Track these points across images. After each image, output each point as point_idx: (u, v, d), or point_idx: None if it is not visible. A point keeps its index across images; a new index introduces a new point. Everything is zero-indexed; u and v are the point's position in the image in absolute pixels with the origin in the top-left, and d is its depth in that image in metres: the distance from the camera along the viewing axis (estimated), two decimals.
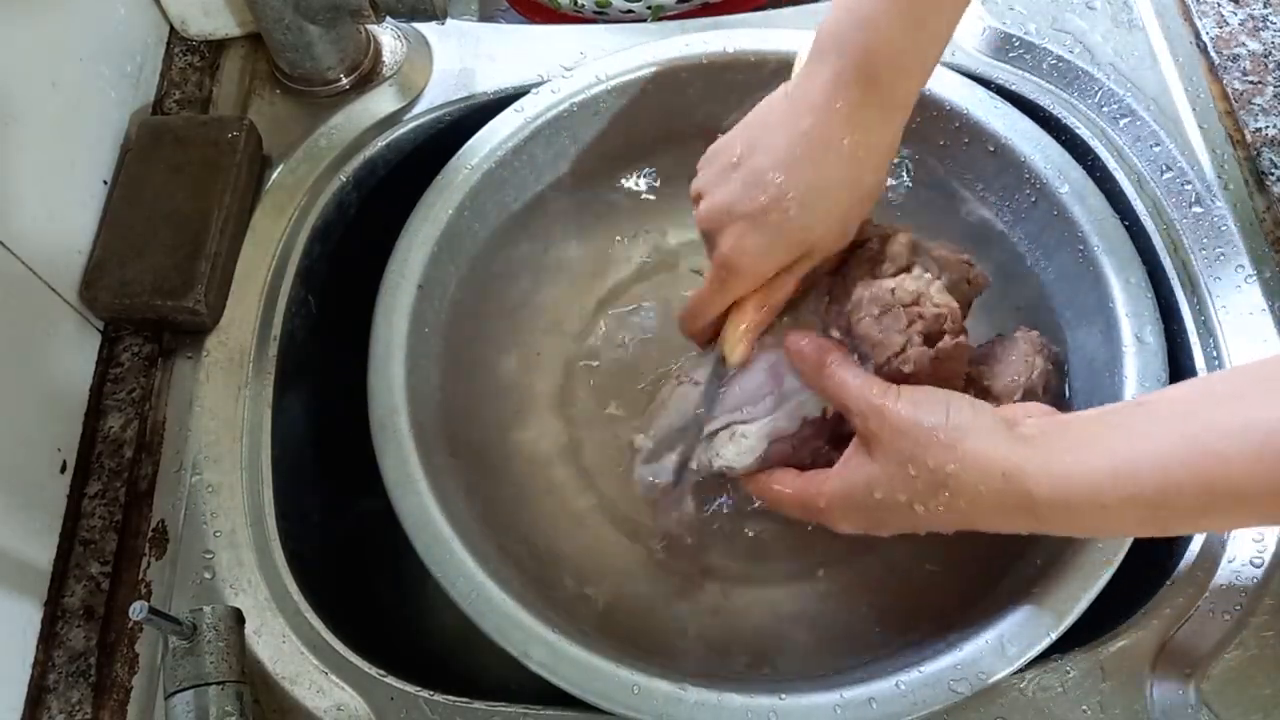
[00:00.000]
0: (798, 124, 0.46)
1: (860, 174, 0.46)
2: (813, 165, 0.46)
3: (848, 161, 0.46)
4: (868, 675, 0.46)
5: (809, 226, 0.47)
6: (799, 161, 0.46)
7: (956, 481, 0.41)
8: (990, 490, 0.40)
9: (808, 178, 0.46)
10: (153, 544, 0.52)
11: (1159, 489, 0.36)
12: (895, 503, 0.43)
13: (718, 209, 0.48)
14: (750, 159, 0.47)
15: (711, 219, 0.48)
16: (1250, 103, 0.62)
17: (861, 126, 0.45)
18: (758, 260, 0.48)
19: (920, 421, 0.42)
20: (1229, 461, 0.35)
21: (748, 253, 0.47)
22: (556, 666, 0.46)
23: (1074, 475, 0.38)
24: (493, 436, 0.62)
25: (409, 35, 0.68)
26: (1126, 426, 0.39)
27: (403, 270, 0.57)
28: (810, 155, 0.46)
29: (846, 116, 0.45)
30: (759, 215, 0.46)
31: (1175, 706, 0.46)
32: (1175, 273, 0.58)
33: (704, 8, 0.85)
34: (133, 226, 0.57)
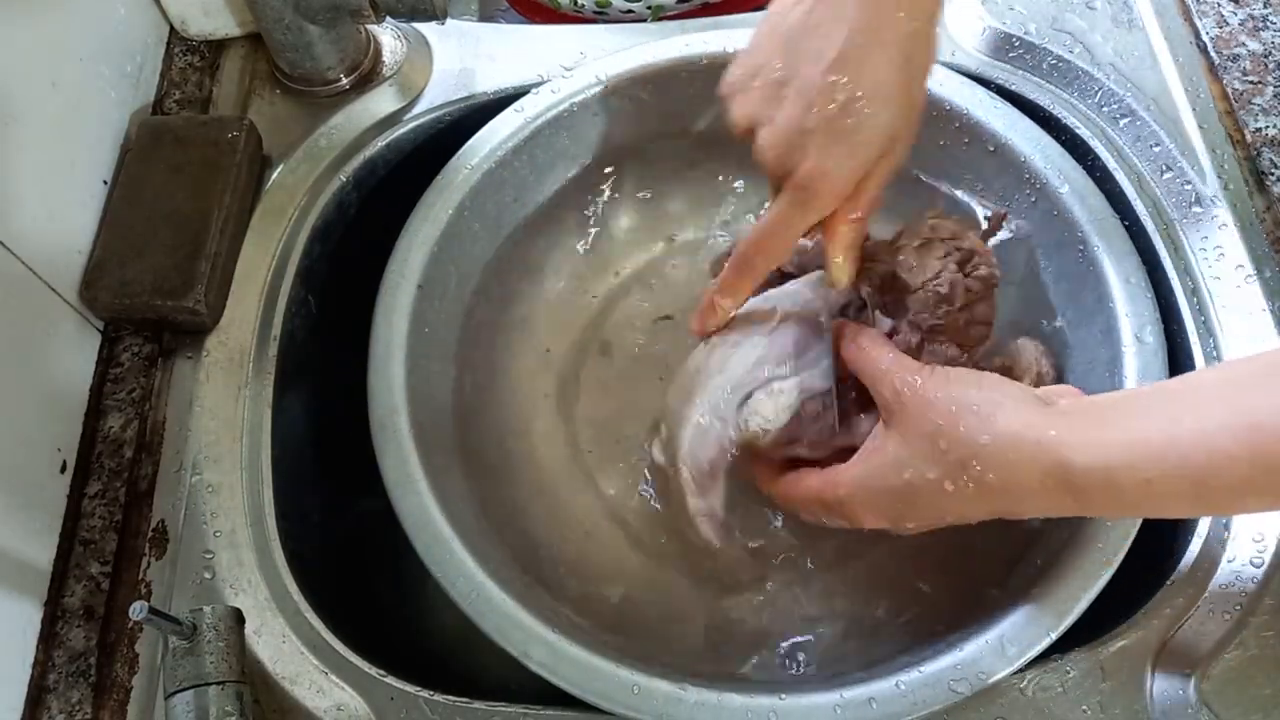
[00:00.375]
0: (843, 14, 0.42)
1: (921, 47, 0.43)
2: (875, 55, 0.42)
3: (907, 39, 0.42)
4: (868, 675, 0.46)
5: (889, 123, 0.43)
6: (859, 55, 0.42)
7: (988, 453, 0.39)
8: (1023, 460, 0.39)
9: (873, 71, 0.42)
10: (153, 544, 0.52)
11: (1207, 461, 0.35)
12: (924, 482, 0.41)
13: (786, 131, 0.44)
14: (800, 69, 0.43)
15: (780, 143, 0.44)
16: (1250, 103, 0.62)
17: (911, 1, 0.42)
18: (844, 174, 0.44)
19: (952, 393, 0.41)
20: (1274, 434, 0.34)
21: (832, 168, 0.43)
22: (556, 666, 0.46)
23: (1114, 445, 0.37)
24: (493, 436, 0.62)
25: (409, 35, 0.68)
26: (1168, 399, 0.38)
27: (403, 270, 0.57)
28: (869, 46, 0.42)
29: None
30: (832, 124, 0.43)
31: (1175, 706, 0.46)
32: (1175, 273, 0.58)
33: (704, 8, 0.85)
34: (133, 226, 0.57)
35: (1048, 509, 0.40)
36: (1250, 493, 0.36)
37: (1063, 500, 0.39)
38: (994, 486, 0.40)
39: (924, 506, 0.43)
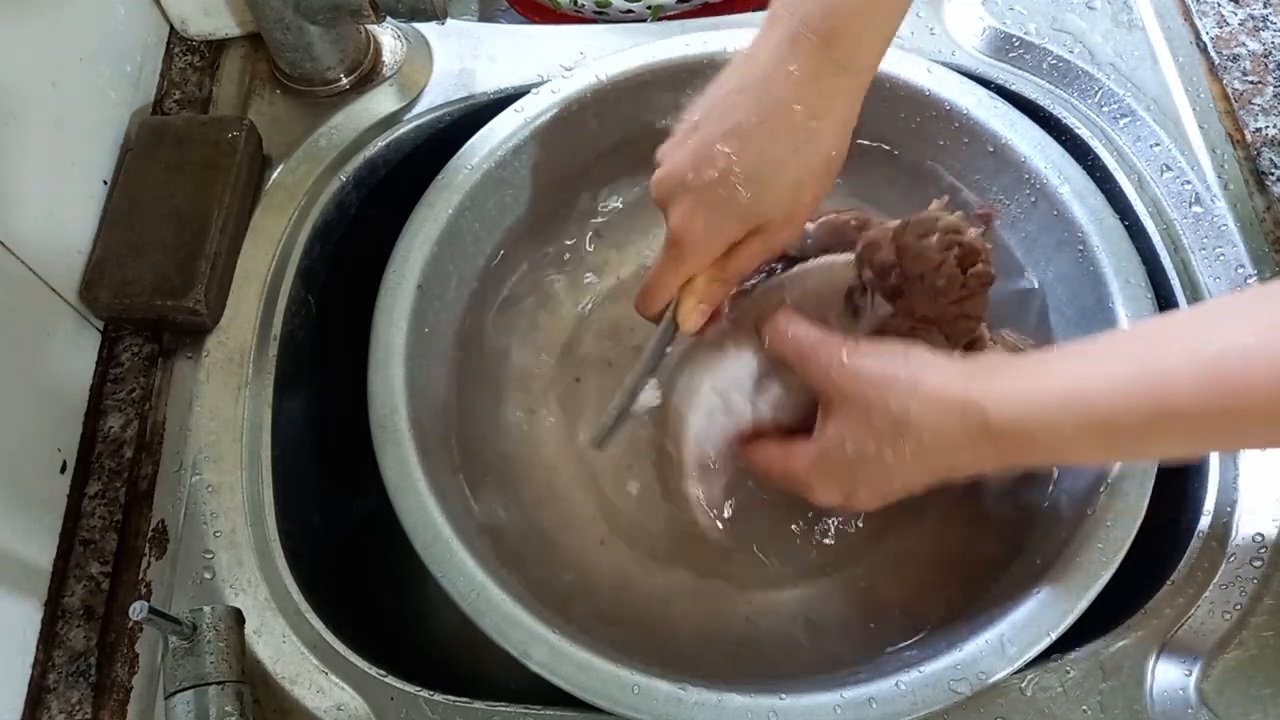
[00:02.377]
0: (748, 90, 0.44)
1: (814, 146, 0.44)
2: (763, 136, 0.43)
3: (800, 131, 0.43)
4: (868, 675, 0.46)
5: (758, 202, 0.44)
6: (748, 131, 0.43)
7: (918, 419, 0.41)
8: (950, 423, 0.41)
9: (756, 150, 0.43)
10: (153, 544, 0.52)
11: (1108, 411, 0.37)
12: (865, 454, 0.43)
13: (669, 179, 0.46)
14: (703, 126, 0.45)
15: (662, 189, 0.47)
16: (1250, 103, 0.62)
17: (816, 93, 0.43)
18: (705, 237, 0.46)
19: (880, 366, 0.43)
20: (1173, 381, 0.36)
21: (695, 229, 0.46)
22: (556, 666, 0.46)
23: (1029, 401, 0.39)
24: (494, 435, 0.62)
25: (409, 35, 0.68)
26: (1079, 354, 0.40)
27: (403, 270, 0.57)
28: (761, 125, 0.43)
29: (800, 81, 0.43)
30: (706, 190, 0.44)
31: (1175, 706, 0.46)
32: (1175, 273, 0.58)
33: (704, 8, 0.85)
34: (133, 226, 0.57)
35: (979, 464, 0.42)
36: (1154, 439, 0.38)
37: (988, 452, 0.41)
38: (928, 449, 0.41)
39: (869, 478, 0.44)
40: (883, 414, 0.42)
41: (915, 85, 0.61)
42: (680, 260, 0.47)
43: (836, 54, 0.43)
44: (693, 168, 0.45)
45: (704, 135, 0.45)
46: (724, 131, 0.44)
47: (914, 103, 0.62)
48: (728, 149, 0.44)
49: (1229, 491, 0.51)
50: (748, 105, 0.44)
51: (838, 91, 0.44)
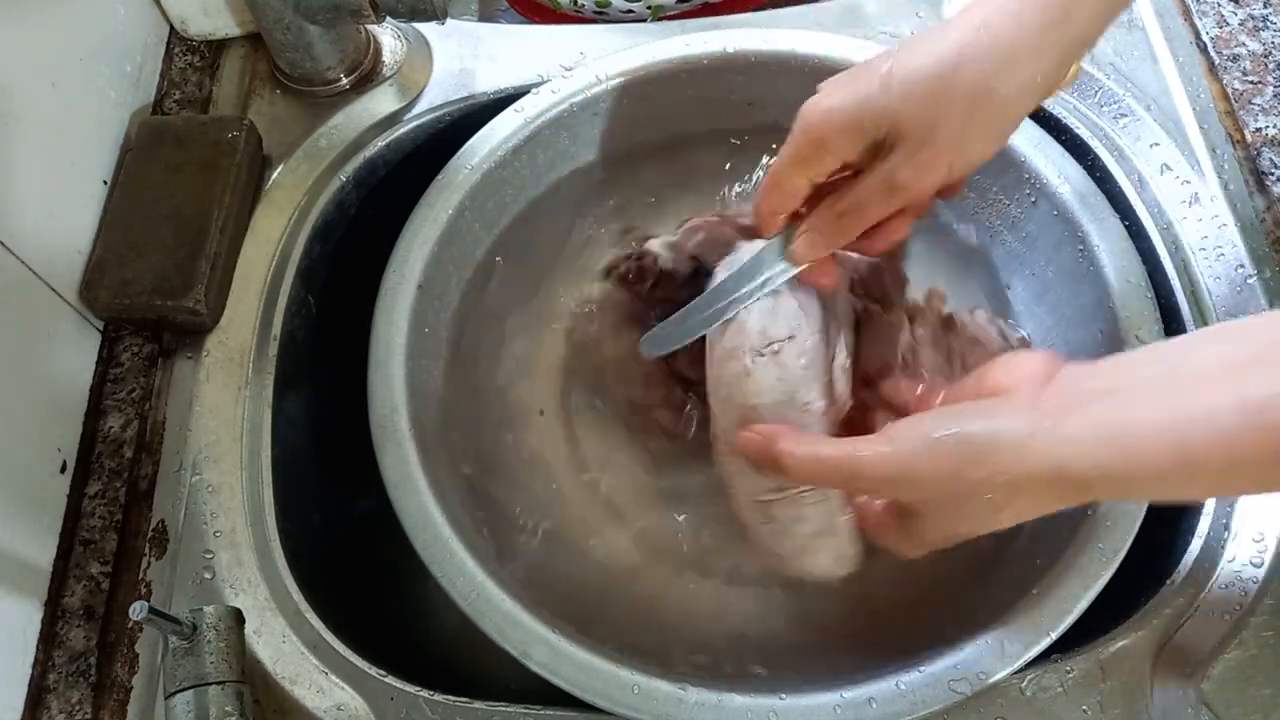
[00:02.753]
0: (945, 32, 0.41)
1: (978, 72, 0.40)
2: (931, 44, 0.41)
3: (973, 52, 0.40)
4: (868, 675, 0.46)
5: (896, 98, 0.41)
6: (921, 40, 0.41)
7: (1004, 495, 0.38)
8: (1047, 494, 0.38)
9: (919, 51, 0.41)
10: (153, 544, 0.52)
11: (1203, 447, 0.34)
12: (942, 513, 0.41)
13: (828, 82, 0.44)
14: (888, 57, 0.42)
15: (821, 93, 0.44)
16: (1250, 103, 0.62)
17: (1010, 22, 0.40)
18: (830, 117, 0.42)
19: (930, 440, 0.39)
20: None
21: (824, 107, 0.42)
22: (556, 666, 0.46)
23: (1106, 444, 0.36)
24: (493, 436, 0.62)
25: (409, 35, 0.68)
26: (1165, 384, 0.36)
27: (403, 270, 0.57)
28: (934, 36, 0.41)
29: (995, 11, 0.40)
30: (855, 77, 0.42)
31: (1175, 706, 0.46)
32: (1175, 273, 0.58)
33: (704, 8, 0.85)
34: (133, 226, 0.57)
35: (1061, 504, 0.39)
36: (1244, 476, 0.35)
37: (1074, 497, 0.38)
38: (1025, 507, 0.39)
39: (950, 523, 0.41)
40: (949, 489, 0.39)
41: None
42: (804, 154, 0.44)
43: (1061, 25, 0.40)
44: (852, 73, 0.43)
45: (885, 58, 0.42)
46: (904, 47, 0.42)
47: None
48: (895, 50, 0.42)
49: None
50: (937, 35, 0.41)
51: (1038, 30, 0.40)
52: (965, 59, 0.40)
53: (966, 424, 0.39)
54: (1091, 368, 0.39)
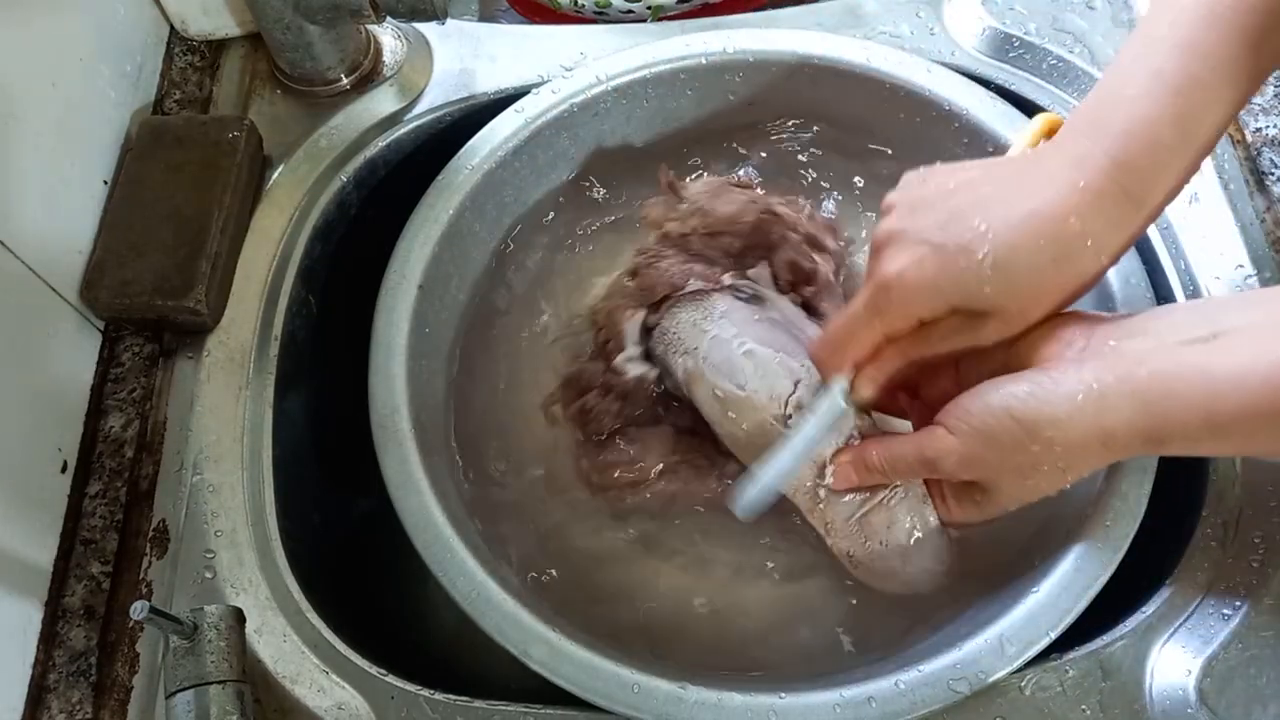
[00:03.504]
0: (1025, 187, 0.42)
1: (1075, 267, 0.41)
2: (1028, 232, 0.41)
3: (1067, 246, 0.41)
4: (867, 674, 0.46)
5: (993, 290, 0.42)
6: (1015, 224, 0.41)
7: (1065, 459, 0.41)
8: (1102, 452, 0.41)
9: (1017, 241, 0.41)
10: (153, 544, 0.52)
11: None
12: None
13: (905, 229, 0.44)
14: (963, 199, 0.43)
15: (891, 234, 0.44)
16: (1250, 103, 0.62)
17: (1097, 214, 0.41)
18: (919, 296, 0.43)
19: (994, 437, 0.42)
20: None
21: (913, 281, 0.43)
22: (556, 666, 0.46)
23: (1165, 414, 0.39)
24: (494, 435, 0.62)
25: (409, 35, 0.68)
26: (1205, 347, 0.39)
27: (404, 270, 0.57)
28: (1029, 224, 0.41)
29: (1083, 199, 0.40)
30: (947, 249, 0.42)
31: (1175, 706, 0.46)
32: (1175, 273, 0.58)
33: (704, 8, 0.85)
34: (133, 226, 0.57)
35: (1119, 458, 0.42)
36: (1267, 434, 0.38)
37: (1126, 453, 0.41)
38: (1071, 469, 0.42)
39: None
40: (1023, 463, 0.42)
41: (915, 85, 0.61)
42: (882, 313, 0.44)
43: (1126, 181, 0.40)
44: (940, 228, 0.42)
45: (962, 206, 0.42)
46: (988, 214, 0.41)
47: (914, 103, 0.62)
48: (987, 226, 0.41)
49: (1229, 491, 0.51)
50: (1020, 200, 0.41)
51: (1120, 219, 0.41)
52: (1061, 255, 0.41)
53: (1015, 406, 0.41)
54: (1127, 325, 0.42)
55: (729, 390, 0.52)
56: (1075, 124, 0.43)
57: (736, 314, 0.55)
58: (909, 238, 0.43)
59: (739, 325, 0.54)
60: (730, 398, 0.52)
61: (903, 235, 0.44)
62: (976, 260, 0.41)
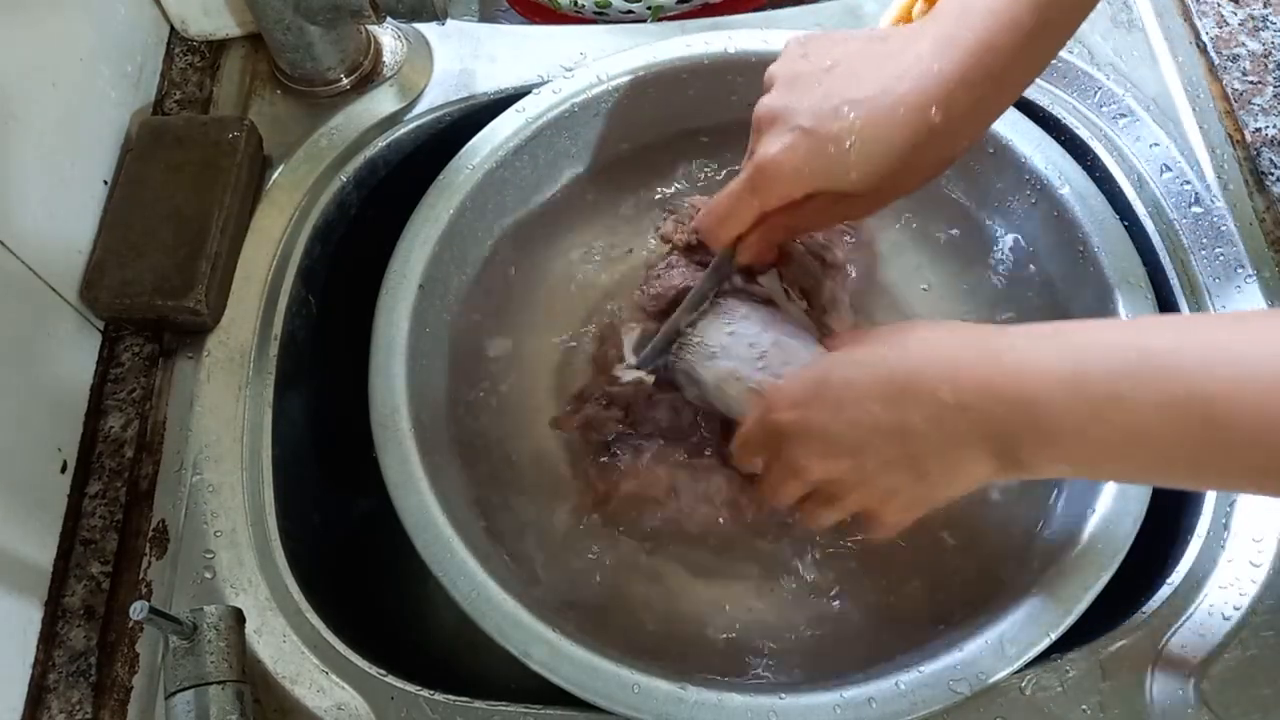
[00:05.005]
0: (894, 71, 0.43)
1: (937, 150, 0.44)
2: (893, 120, 0.43)
3: (924, 130, 0.43)
4: (868, 675, 0.46)
5: (858, 173, 0.44)
6: (881, 113, 0.43)
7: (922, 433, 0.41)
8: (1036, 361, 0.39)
9: (880, 132, 0.43)
10: (153, 544, 0.52)
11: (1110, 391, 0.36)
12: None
13: (782, 109, 0.46)
14: (837, 80, 0.45)
15: (771, 114, 0.46)
16: (1250, 103, 0.62)
17: (958, 102, 0.43)
18: (792, 179, 0.46)
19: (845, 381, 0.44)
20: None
21: (787, 166, 0.45)
22: (557, 666, 0.46)
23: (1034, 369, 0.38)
24: (495, 435, 0.62)
25: (409, 35, 0.68)
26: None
27: (404, 270, 0.57)
28: (894, 113, 0.43)
29: (945, 88, 0.42)
30: (816, 137, 0.44)
31: (1175, 706, 0.46)
32: (1175, 273, 0.58)
33: (704, 8, 0.85)
34: (133, 226, 0.57)
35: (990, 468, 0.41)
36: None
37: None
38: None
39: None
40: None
41: None
42: (758, 192, 0.47)
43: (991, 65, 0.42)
44: (813, 113, 0.44)
45: (834, 89, 0.44)
46: (857, 98, 0.43)
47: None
48: (855, 115, 0.43)
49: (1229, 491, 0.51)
50: (888, 81, 0.43)
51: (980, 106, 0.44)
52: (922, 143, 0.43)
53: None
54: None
55: (764, 382, 0.51)
56: (947, 6, 0.44)
57: (758, 314, 0.55)
58: (785, 121, 0.45)
59: (762, 323, 0.54)
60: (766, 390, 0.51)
61: (780, 116, 0.46)
62: (844, 149, 0.44)
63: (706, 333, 0.54)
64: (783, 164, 0.45)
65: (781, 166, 0.45)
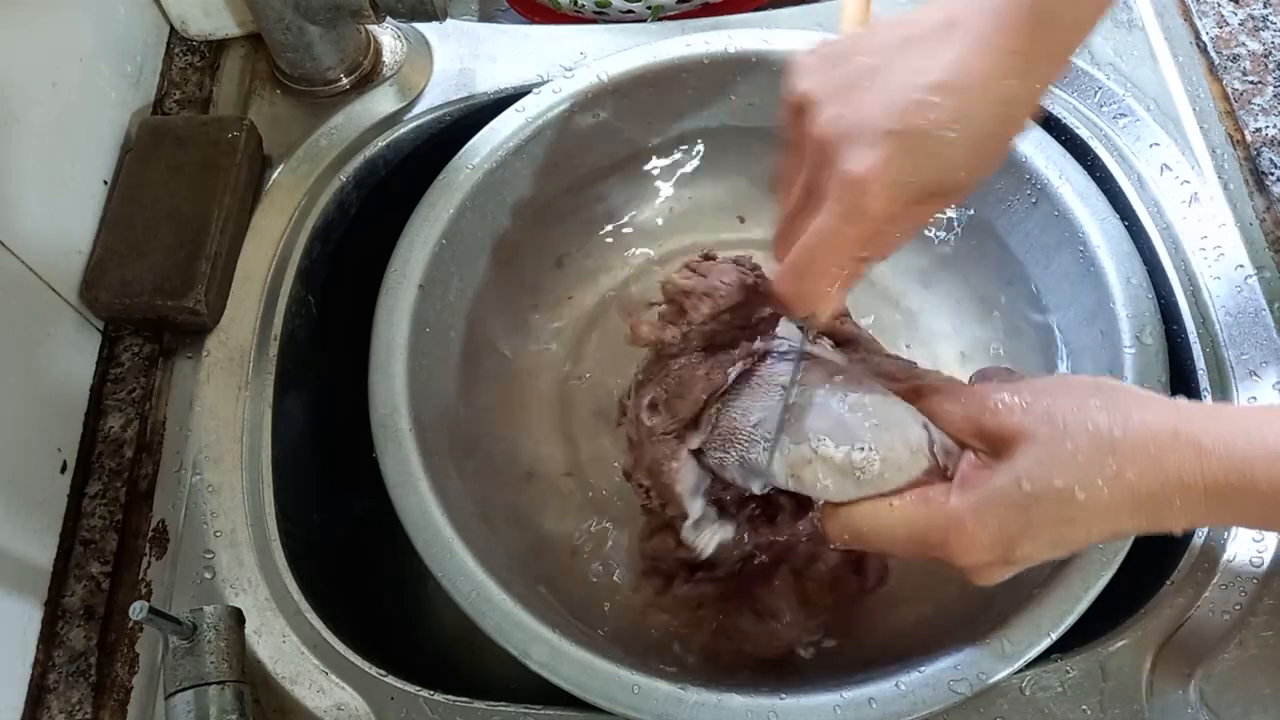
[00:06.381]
0: (958, 51, 0.39)
1: (1008, 123, 0.40)
2: (979, 99, 0.38)
3: (1009, 103, 0.39)
4: (868, 675, 0.46)
5: (963, 165, 0.39)
6: (965, 92, 0.38)
7: (1125, 447, 0.37)
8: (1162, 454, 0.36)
9: (972, 110, 0.38)
10: (153, 544, 0.52)
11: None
12: (1049, 492, 0.37)
13: (857, 121, 0.39)
14: (895, 71, 0.40)
15: (845, 130, 0.40)
16: (1250, 103, 0.62)
17: (1025, 73, 0.39)
18: (897, 191, 0.39)
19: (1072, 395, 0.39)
20: None
21: (887, 178, 0.39)
22: (557, 666, 0.46)
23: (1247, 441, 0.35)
24: (495, 435, 0.62)
25: (409, 35, 0.68)
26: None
27: (404, 270, 0.57)
28: (977, 88, 0.38)
29: (1014, 61, 0.38)
30: (913, 137, 0.38)
31: (1175, 706, 0.46)
32: (1175, 273, 0.58)
33: (704, 8, 0.85)
34: (133, 226, 0.57)
35: (1182, 512, 0.37)
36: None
37: (1196, 501, 0.36)
38: (1132, 485, 0.37)
39: (1046, 523, 0.38)
40: (1080, 444, 0.37)
41: None
42: (860, 218, 0.40)
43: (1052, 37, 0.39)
44: (897, 114, 0.39)
45: (901, 81, 0.39)
46: (932, 83, 0.38)
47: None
48: (943, 99, 0.38)
49: None
50: (956, 60, 0.39)
51: (1045, 74, 0.40)
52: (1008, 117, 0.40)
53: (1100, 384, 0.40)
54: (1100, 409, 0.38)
55: (855, 460, 0.42)
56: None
57: (808, 374, 0.46)
58: (862, 130, 0.39)
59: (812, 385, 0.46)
60: (860, 466, 0.42)
61: (856, 129, 0.39)
62: (945, 139, 0.39)
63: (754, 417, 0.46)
64: (881, 178, 0.39)
65: (880, 181, 0.39)
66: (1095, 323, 0.56)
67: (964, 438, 0.42)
